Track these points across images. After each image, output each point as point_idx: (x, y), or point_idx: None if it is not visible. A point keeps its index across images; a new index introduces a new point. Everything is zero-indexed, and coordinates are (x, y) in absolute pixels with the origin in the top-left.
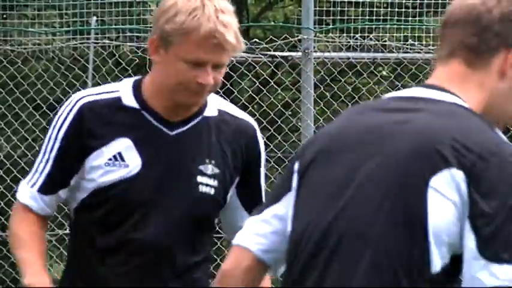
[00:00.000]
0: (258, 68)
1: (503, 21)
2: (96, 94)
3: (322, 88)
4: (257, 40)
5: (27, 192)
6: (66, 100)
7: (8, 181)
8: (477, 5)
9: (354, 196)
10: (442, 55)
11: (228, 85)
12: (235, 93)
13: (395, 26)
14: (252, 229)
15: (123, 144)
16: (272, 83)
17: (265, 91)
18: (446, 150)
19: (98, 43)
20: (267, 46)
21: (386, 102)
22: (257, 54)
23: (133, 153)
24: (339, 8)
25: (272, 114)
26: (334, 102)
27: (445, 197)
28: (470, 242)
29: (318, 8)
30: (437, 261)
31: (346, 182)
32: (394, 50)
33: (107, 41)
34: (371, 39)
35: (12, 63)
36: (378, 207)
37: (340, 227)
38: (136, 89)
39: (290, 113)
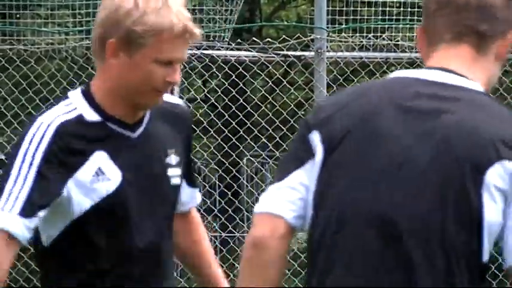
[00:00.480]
0: (270, 67)
1: (508, 6)
2: (62, 115)
3: (335, 88)
4: (270, 40)
5: (5, 217)
6: (31, 125)
7: None
8: None
9: (407, 186)
10: (448, 38)
11: (241, 84)
12: (248, 92)
13: (408, 26)
14: (281, 196)
15: (100, 158)
16: (285, 83)
17: (278, 91)
18: (498, 143)
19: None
20: (279, 46)
21: (415, 85)
22: (270, 54)
23: (111, 165)
24: (351, 8)
25: (285, 114)
26: None
27: (499, 189)
28: None
29: (330, 8)
30: (487, 251)
31: (396, 169)
32: (407, 50)
33: None
34: (384, 39)
35: (25, 63)
36: (434, 200)
37: (395, 216)
38: (91, 101)
39: (303, 112)
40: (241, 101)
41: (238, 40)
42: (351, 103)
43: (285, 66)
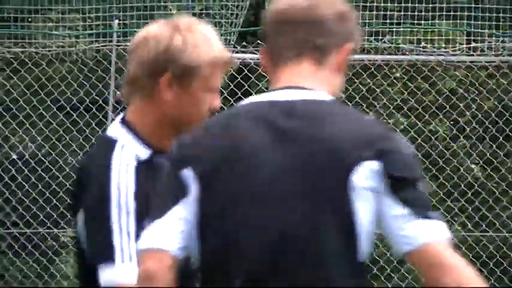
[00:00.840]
0: None
1: (339, 20)
2: (130, 157)
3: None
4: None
5: (128, 270)
6: (106, 174)
7: (33, 179)
8: (313, 6)
9: (282, 203)
10: (284, 58)
11: (246, 86)
12: (253, 94)
13: (408, 29)
14: (163, 231)
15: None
16: None
17: None
18: (356, 147)
19: (120, 45)
20: None
21: (271, 107)
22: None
23: None
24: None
25: None
26: (349, 103)
27: (368, 189)
28: (398, 209)
29: None
30: (364, 252)
31: (270, 189)
32: (407, 53)
33: (129, 44)
34: (385, 42)
35: (36, 65)
36: (305, 210)
37: (275, 231)
38: (138, 137)
39: None
40: None
41: (244, 43)
42: (216, 135)
43: None
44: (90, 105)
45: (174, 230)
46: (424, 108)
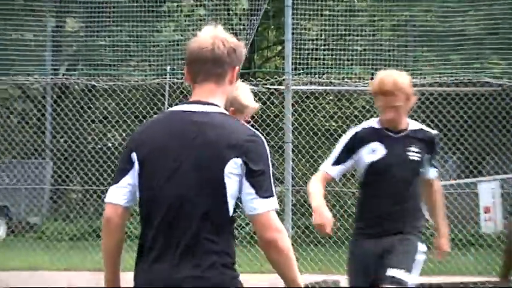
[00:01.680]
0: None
1: (230, 53)
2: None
3: (296, 106)
4: (259, 78)
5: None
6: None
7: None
8: (214, 46)
9: (183, 179)
10: (199, 80)
11: None
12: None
13: (346, 71)
14: (118, 191)
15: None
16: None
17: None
18: (229, 147)
19: (170, 80)
20: (265, 82)
21: (183, 115)
22: (260, 88)
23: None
24: (306, 60)
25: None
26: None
27: (234, 174)
28: (249, 190)
29: (294, 61)
30: (231, 209)
31: (177, 170)
32: (341, 85)
33: (177, 79)
34: (326, 78)
35: (121, 92)
36: (196, 185)
37: (177, 196)
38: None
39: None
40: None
41: (242, 79)
42: (152, 130)
43: (268, 94)
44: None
45: (124, 191)
46: None
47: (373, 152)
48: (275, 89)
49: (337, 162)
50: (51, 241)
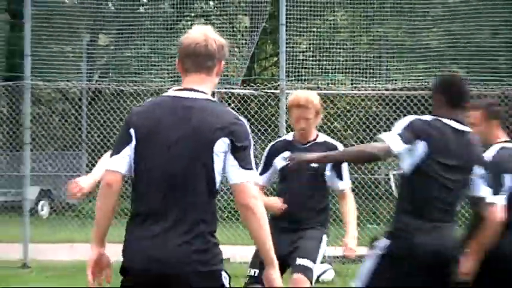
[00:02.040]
0: (265, 99)
1: (219, 50)
2: None
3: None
4: (258, 84)
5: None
6: None
7: None
8: (206, 42)
9: (177, 156)
10: (191, 71)
11: (245, 113)
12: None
13: (336, 78)
14: (118, 161)
15: None
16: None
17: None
18: (217, 129)
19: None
20: (263, 86)
21: (176, 100)
22: (260, 92)
23: None
24: (300, 67)
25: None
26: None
27: (221, 152)
28: (233, 162)
29: (287, 69)
30: (218, 183)
31: (170, 148)
32: (322, 89)
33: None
34: (315, 83)
35: (144, 95)
36: (188, 161)
37: (170, 170)
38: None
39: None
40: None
41: (244, 84)
42: (148, 112)
43: (266, 97)
44: None
45: (124, 160)
46: None
47: (284, 159)
48: (272, 93)
49: (262, 173)
50: (87, 218)
